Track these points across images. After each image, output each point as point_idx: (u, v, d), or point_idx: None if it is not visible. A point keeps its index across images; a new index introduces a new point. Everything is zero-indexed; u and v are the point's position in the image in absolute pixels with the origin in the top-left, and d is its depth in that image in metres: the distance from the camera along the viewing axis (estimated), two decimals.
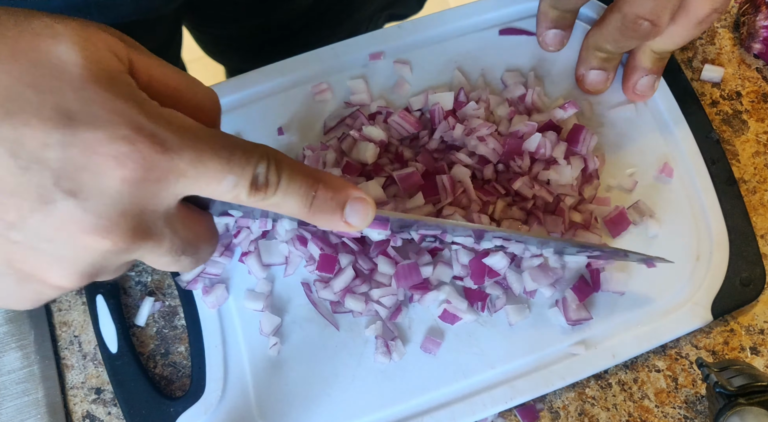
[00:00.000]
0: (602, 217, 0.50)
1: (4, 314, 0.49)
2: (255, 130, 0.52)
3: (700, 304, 0.49)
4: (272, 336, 0.48)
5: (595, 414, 0.49)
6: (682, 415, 0.48)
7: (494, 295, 0.49)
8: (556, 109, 0.52)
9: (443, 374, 0.48)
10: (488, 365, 0.48)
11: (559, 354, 0.48)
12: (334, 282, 0.47)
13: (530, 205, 0.49)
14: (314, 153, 0.51)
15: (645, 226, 0.50)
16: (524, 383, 0.47)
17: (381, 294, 0.47)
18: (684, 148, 0.52)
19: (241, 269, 0.50)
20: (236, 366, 0.48)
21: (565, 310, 0.48)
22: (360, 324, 0.49)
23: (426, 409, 0.47)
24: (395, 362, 0.48)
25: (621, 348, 0.48)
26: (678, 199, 0.51)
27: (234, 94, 0.53)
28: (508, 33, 0.55)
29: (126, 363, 0.48)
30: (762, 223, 0.52)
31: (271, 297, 0.49)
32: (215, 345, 0.48)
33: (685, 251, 0.50)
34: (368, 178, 0.50)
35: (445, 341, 0.48)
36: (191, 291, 0.49)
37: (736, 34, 0.57)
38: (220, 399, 0.47)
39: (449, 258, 0.48)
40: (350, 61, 0.54)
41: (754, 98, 0.56)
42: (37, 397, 0.48)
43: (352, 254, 0.48)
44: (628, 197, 0.51)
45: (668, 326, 0.49)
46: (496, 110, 0.53)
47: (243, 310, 0.49)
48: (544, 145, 0.49)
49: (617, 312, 0.49)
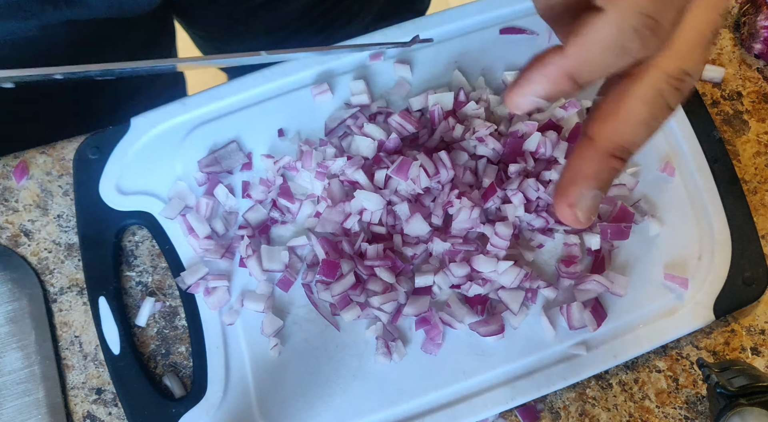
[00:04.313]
0: (606, 217, 0.50)
1: (5, 314, 0.50)
2: (255, 132, 0.53)
3: (702, 304, 0.48)
4: (273, 337, 0.48)
5: (596, 415, 0.48)
6: (682, 416, 0.48)
7: (494, 300, 0.49)
8: (557, 108, 0.52)
9: (444, 375, 0.48)
10: (489, 366, 0.48)
11: (560, 354, 0.48)
12: (334, 285, 0.48)
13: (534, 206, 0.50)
14: (311, 147, 0.51)
15: (646, 225, 0.50)
16: (525, 383, 0.47)
17: (382, 301, 0.47)
18: (686, 147, 0.52)
19: (243, 270, 0.50)
20: (237, 367, 0.48)
21: (568, 318, 0.48)
22: (361, 325, 0.49)
23: (426, 410, 0.47)
24: (396, 363, 0.48)
25: (622, 349, 0.48)
26: (680, 198, 0.51)
27: (234, 96, 0.53)
28: (508, 32, 0.55)
29: (128, 364, 0.48)
30: (763, 224, 0.52)
31: (272, 298, 0.49)
32: (216, 346, 0.48)
33: (687, 250, 0.50)
34: (367, 172, 0.50)
35: (446, 342, 0.48)
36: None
37: (737, 35, 0.57)
38: (222, 399, 0.47)
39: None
40: (351, 62, 0.54)
41: (754, 98, 0.55)
42: (38, 397, 0.48)
43: (352, 260, 0.48)
44: (629, 196, 0.51)
45: (670, 326, 0.48)
46: (497, 110, 0.52)
47: (244, 311, 0.49)
48: (545, 144, 0.49)
49: (619, 313, 0.49)
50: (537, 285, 0.49)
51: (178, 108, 0.53)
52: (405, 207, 0.49)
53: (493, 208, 0.50)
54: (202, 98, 0.53)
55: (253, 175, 0.52)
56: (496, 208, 0.50)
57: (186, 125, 0.53)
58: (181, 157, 0.52)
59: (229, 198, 0.51)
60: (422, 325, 0.48)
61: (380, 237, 0.50)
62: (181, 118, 0.53)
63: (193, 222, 0.49)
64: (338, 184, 0.50)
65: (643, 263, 0.50)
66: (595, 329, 0.48)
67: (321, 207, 0.50)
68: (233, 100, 0.53)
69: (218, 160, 0.51)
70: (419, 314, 0.48)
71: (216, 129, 0.52)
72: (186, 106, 0.53)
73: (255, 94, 0.53)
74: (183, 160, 0.52)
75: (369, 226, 0.50)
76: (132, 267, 0.51)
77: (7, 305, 0.50)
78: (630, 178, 0.51)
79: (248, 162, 0.52)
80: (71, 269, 0.51)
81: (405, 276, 0.49)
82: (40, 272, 0.51)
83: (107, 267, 0.50)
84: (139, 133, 0.52)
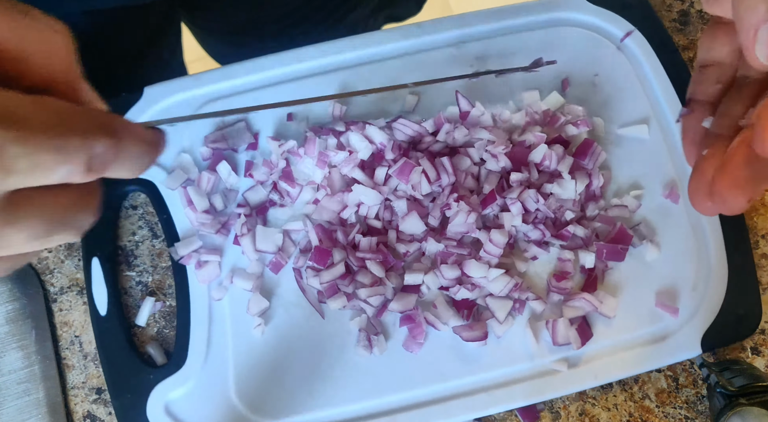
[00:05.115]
0: (604, 237, 0.50)
1: (5, 314, 0.50)
2: (265, 114, 0.53)
3: (690, 336, 0.48)
4: (258, 317, 0.49)
5: (596, 414, 0.48)
6: (683, 415, 0.48)
7: (481, 306, 0.48)
8: (568, 125, 0.51)
9: (422, 374, 0.48)
10: (468, 371, 0.48)
11: (540, 368, 0.48)
12: (323, 273, 0.48)
13: (532, 218, 0.49)
14: (316, 135, 0.51)
15: (643, 249, 0.50)
16: (503, 393, 0.47)
17: (369, 294, 0.47)
18: None
19: (236, 248, 0.50)
20: (219, 343, 0.48)
21: (554, 334, 0.48)
22: (345, 315, 0.49)
23: (401, 407, 0.47)
24: (376, 357, 0.48)
25: (604, 371, 0.47)
26: (681, 226, 0.50)
27: (248, 76, 0.54)
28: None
29: (113, 326, 0.49)
30: (762, 224, 0.52)
31: (261, 279, 0.50)
32: (201, 319, 0.49)
33: (682, 280, 0.49)
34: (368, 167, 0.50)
35: (428, 342, 0.48)
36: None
37: None
38: (200, 372, 0.48)
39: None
40: (367, 56, 0.54)
41: None
42: (38, 397, 0.48)
43: (344, 250, 0.48)
44: (630, 218, 0.51)
45: (655, 354, 0.48)
46: (513, 117, 0.52)
47: (233, 289, 0.49)
48: (550, 157, 0.49)
49: (605, 334, 0.48)
50: (526, 297, 0.48)
51: (192, 82, 0.53)
52: (403, 204, 0.49)
53: (491, 214, 0.50)
54: (217, 75, 0.54)
55: (257, 156, 0.52)
56: (494, 215, 0.50)
57: (198, 99, 0.53)
58: (188, 130, 0.53)
59: (231, 175, 0.51)
60: (406, 323, 0.48)
61: (375, 231, 0.50)
62: (193, 92, 0.53)
63: (192, 195, 0.50)
64: (338, 174, 0.50)
65: (636, 287, 0.49)
66: (579, 347, 0.47)
67: (320, 194, 0.50)
68: (247, 80, 0.54)
69: (225, 137, 0.52)
70: (405, 311, 0.48)
71: (226, 106, 0.53)
72: (199, 81, 0.53)
73: (269, 76, 0.54)
74: (190, 133, 0.53)
75: (365, 219, 0.50)
76: (132, 267, 0.51)
77: (7, 305, 0.50)
78: (632, 201, 0.51)
79: (254, 142, 0.52)
80: (71, 269, 0.51)
81: (395, 272, 0.49)
82: (40, 272, 0.51)
83: (104, 230, 0.51)
84: (150, 102, 0.53)
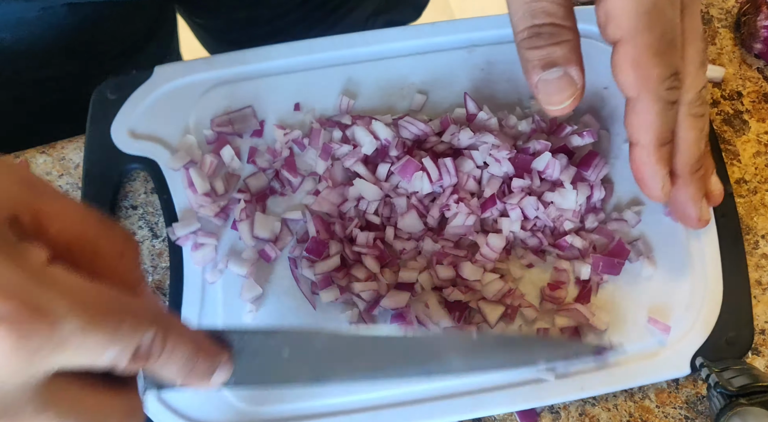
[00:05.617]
0: (601, 250, 0.50)
1: None
2: (272, 102, 0.53)
3: (681, 355, 0.48)
4: (250, 303, 0.49)
5: (596, 414, 0.48)
6: (683, 415, 0.48)
7: (473, 310, 0.48)
8: (574, 135, 0.51)
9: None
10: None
11: (527, 376, 0.47)
12: (319, 264, 0.48)
13: (531, 225, 0.49)
14: (321, 126, 0.51)
15: (639, 265, 0.50)
16: (487, 398, 0.47)
17: (362, 288, 0.47)
18: None
19: (233, 233, 0.50)
20: (210, 326, 0.48)
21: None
22: (337, 308, 0.49)
23: (384, 404, 0.47)
24: None
25: (591, 383, 0.47)
26: (679, 245, 0.50)
27: (260, 63, 0.54)
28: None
29: None
30: (762, 224, 0.52)
31: (256, 265, 0.50)
32: (193, 301, 0.49)
33: (676, 298, 0.49)
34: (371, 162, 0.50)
35: None
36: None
37: (737, 34, 0.57)
38: None
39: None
40: (379, 52, 0.54)
41: (754, 98, 0.56)
42: None
43: (341, 243, 0.48)
44: (628, 233, 0.51)
45: (644, 371, 0.47)
46: (519, 124, 0.52)
47: (227, 273, 0.49)
48: (553, 165, 0.49)
49: None
50: (518, 304, 0.48)
51: (203, 65, 0.54)
52: (403, 201, 0.49)
53: (490, 219, 0.50)
54: (228, 59, 0.54)
55: (261, 143, 0.52)
56: (493, 219, 0.50)
57: (207, 82, 0.53)
58: (195, 112, 0.53)
59: (234, 160, 0.51)
60: (397, 320, 0.48)
61: (373, 227, 0.50)
62: (203, 74, 0.53)
63: (194, 177, 0.50)
64: (341, 167, 0.50)
65: (629, 302, 0.49)
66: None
67: (321, 186, 0.50)
68: (258, 67, 0.54)
69: (231, 121, 0.52)
70: (397, 308, 0.48)
71: (235, 91, 0.53)
72: (210, 64, 0.54)
73: (280, 64, 0.54)
74: (197, 115, 0.53)
75: (364, 214, 0.50)
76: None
77: None
78: (632, 216, 0.51)
79: (260, 129, 0.52)
80: None
81: (390, 269, 0.49)
82: None
83: (104, 205, 0.51)
84: (160, 81, 0.53)
